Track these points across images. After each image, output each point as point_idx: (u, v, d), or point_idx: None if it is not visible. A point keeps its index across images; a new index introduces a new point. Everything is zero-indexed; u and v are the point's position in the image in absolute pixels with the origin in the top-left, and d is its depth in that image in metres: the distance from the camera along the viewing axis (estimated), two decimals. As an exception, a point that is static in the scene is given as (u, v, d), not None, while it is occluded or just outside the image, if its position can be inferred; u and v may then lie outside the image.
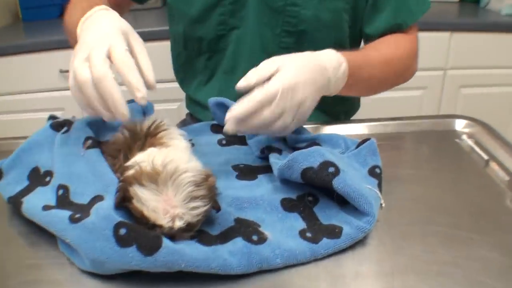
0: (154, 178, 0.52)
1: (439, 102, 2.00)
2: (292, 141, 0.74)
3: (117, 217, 0.51)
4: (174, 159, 0.55)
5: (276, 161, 0.66)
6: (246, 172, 0.70)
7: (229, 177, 0.69)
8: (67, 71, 1.84)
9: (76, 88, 0.63)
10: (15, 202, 0.63)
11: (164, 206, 0.51)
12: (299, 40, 0.94)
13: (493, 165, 0.76)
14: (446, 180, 0.73)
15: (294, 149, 0.73)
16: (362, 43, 1.04)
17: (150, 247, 0.48)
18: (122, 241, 0.49)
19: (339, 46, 0.97)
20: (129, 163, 0.58)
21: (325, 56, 0.75)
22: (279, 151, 0.71)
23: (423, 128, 0.90)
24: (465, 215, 0.64)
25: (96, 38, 0.65)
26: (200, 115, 1.08)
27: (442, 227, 0.61)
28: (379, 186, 0.64)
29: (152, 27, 1.80)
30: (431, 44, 1.88)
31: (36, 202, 0.61)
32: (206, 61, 1.01)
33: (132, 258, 0.49)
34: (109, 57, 0.62)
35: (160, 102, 1.83)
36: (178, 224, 0.52)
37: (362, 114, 1.09)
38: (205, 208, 0.53)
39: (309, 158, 0.60)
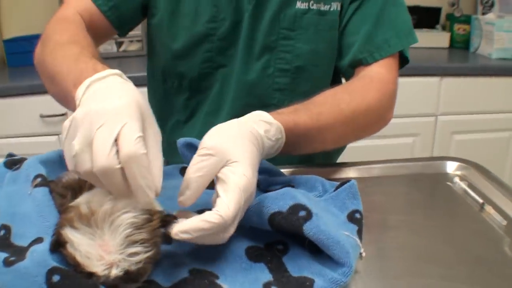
0: (88, 219, 0.46)
1: (432, 149, 1.96)
2: (265, 183, 0.67)
3: (52, 262, 0.45)
4: (116, 197, 0.48)
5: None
6: None
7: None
8: (47, 116, 1.81)
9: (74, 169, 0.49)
10: None
11: (99, 252, 0.45)
12: (295, 79, 0.87)
13: (489, 209, 0.69)
14: (438, 226, 0.66)
15: (267, 192, 0.66)
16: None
17: None
18: None
19: (329, 80, 0.90)
20: (72, 203, 0.51)
21: (259, 126, 0.61)
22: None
23: (413, 171, 0.83)
24: (459, 264, 0.57)
25: (105, 113, 0.47)
26: (177, 159, 1.01)
27: (433, 279, 0.54)
28: (359, 233, 0.56)
29: (136, 73, 1.77)
30: (422, 90, 1.86)
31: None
32: (186, 100, 0.93)
33: None
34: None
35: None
36: (115, 272, 0.45)
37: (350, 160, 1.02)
38: (146, 254, 0.46)
39: (277, 201, 0.54)
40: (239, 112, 0.88)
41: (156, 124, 0.52)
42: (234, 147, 0.54)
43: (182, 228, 0.48)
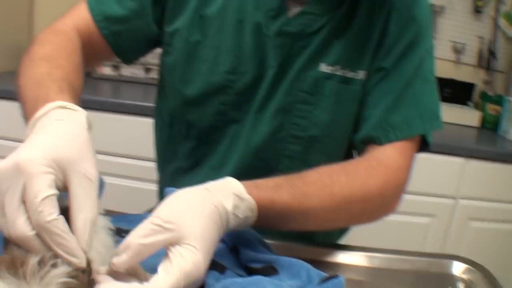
0: (16, 269, 0.41)
1: (446, 233, 1.85)
2: (246, 257, 0.61)
3: None
4: None
5: (211, 282, 0.53)
6: None
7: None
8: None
9: None
10: None
11: None
12: (308, 148, 0.80)
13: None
14: None
15: (247, 269, 0.60)
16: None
17: None
18: None
19: (342, 154, 0.84)
20: None
21: (226, 201, 0.55)
22: (223, 269, 0.57)
23: (417, 267, 0.75)
24: None
25: (8, 173, 0.43)
26: None
27: None
28: None
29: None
30: (444, 169, 1.77)
31: None
32: (191, 149, 0.87)
33: None
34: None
35: (142, 181, 1.74)
36: None
37: (361, 237, 0.94)
38: None
39: None
40: (243, 173, 0.82)
41: (90, 163, 0.47)
42: (192, 225, 0.49)
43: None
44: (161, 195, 1.02)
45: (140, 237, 0.47)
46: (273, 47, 0.77)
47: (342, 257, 0.74)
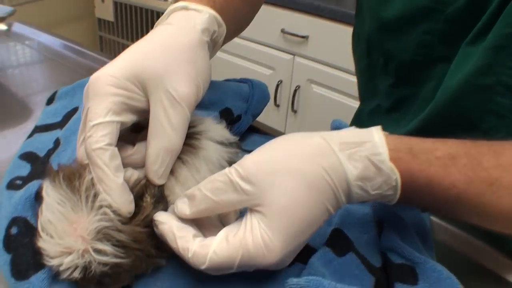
0: (72, 179, 0.35)
1: None
2: (387, 242, 0.45)
3: (25, 210, 0.39)
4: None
5: (315, 268, 0.39)
6: None
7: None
8: (288, 33, 1.77)
9: None
10: (31, 133, 0.57)
11: (63, 227, 0.33)
12: None
13: None
14: None
15: (383, 257, 0.44)
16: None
17: (18, 270, 0.36)
18: (6, 242, 0.38)
19: None
20: None
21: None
22: (345, 250, 0.42)
23: None
24: None
25: (90, 85, 0.39)
26: None
27: None
28: None
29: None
30: None
31: (30, 144, 0.54)
32: (390, 86, 0.69)
33: (2, 266, 0.38)
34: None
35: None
36: (67, 261, 0.33)
37: None
38: (115, 260, 0.33)
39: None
40: (431, 125, 0.62)
41: (180, 78, 0.39)
42: (279, 194, 0.34)
43: (160, 218, 0.37)
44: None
45: (208, 190, 0.36)
46: None
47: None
